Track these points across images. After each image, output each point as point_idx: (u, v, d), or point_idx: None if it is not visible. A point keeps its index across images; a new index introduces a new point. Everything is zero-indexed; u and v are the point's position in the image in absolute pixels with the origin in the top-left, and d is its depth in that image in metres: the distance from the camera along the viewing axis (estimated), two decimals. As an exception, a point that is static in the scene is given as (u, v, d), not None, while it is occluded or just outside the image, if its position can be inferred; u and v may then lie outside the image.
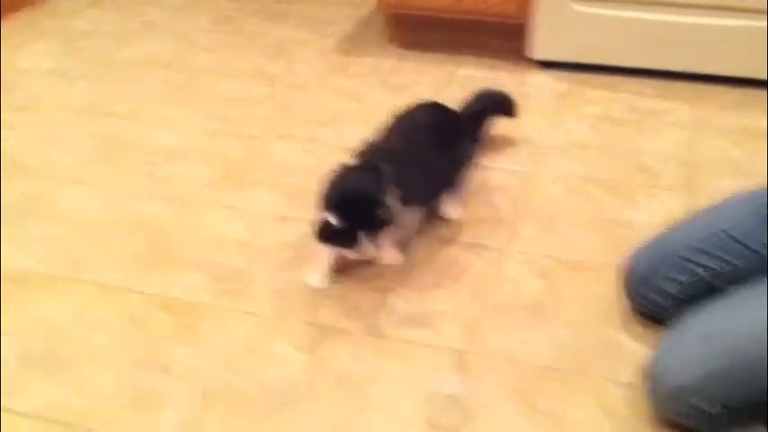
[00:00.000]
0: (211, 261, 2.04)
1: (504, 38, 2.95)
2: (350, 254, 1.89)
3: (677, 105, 2.63)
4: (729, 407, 1.46)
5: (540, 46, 2.85)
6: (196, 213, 2.22)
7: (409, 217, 1.99)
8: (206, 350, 1.79)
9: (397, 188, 1.86)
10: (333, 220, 1.81)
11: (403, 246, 2.01)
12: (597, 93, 2.71)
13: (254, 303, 1.91)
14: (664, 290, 1.71)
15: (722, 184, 2.20)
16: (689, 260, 1.68)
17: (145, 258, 2.05)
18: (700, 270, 1.67)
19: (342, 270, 1.97)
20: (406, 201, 1.90)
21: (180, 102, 2.76)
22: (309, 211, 1.90)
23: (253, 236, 2.12)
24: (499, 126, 2.43)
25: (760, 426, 1.49)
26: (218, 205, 2.25)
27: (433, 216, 2.13)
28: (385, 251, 1.97)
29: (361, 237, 1.83)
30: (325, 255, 1.96)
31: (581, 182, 2.28)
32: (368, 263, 1.97)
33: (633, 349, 1.75)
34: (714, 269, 1.66)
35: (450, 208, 2.15)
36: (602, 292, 1.89)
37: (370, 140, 2.03)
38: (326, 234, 1.84)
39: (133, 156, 2.47)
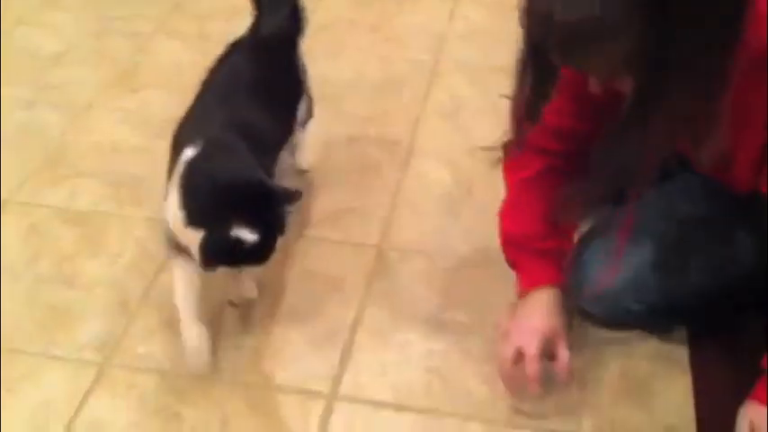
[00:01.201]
0: (109, 169, 1.96)
1: None
2: (254, 271, 1.52)
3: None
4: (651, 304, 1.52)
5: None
6: (88, 120, 2.12)
7: None
8: (115, 261, 1.74)
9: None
10: (249, 235, 1.35)
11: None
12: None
13: (158, 209, 1.85)
14: None
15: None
16: None
17: (41, 170, 1.96)
18: None
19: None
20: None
21: (60, 2, 2.60)
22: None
23: (149, 140, 2.04)
24: (397, 14, 2.39)
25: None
26: (111, 109, 2.16)
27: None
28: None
29: (276, 243, 1.42)
30: (187, 305, 1.50)
31: (481, 70, 2.27)
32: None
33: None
34: None
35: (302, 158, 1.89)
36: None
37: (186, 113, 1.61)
38: (239, 256, 1.38)
39: (16, 63, 2.32)
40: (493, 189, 1.88)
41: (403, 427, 1.45)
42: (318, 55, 2.30)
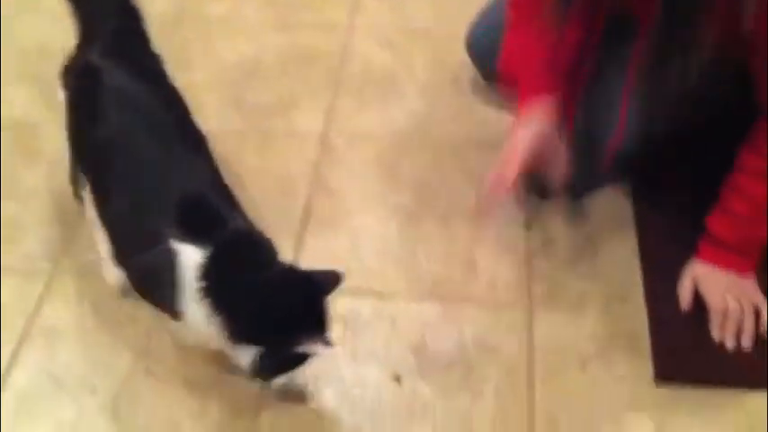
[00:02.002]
0: (39, 74, 1.88)
1: None
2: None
3: None
4: None
5: None
6: (12, 21, 2.03)
7: None
8: (53, 168, 1.69)
9: None
10: (320, 348, 1.18)
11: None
12: None
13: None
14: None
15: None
16: None
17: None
18: None
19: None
20: None
21: None
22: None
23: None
24: None
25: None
26: (36, 11, 2.06)
27: None
28: None
29: None
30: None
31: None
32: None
33: (487, 112, 1.78)
34: None
35: None
36: (450, 58, 1.89)
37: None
38: (302, 363, 1.22)
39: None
40: (435, 68, 1.87)
41: (360, 312, 1.46)
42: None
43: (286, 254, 1.51)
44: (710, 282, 1.41)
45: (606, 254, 1.52)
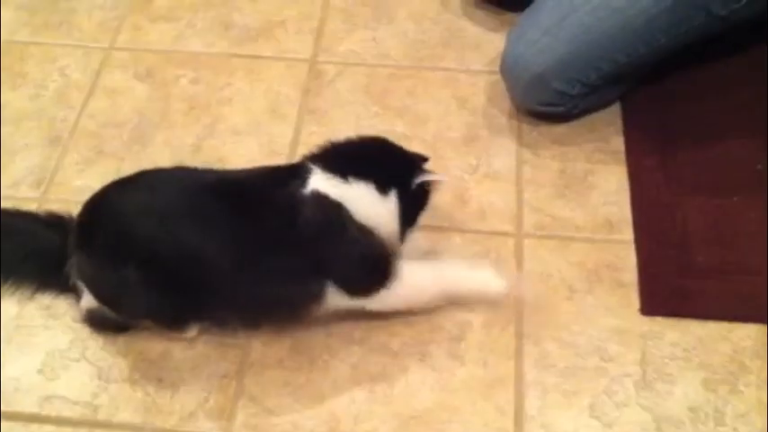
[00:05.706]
0: (20, -7, 1.85)
1: None
2: None
3: None
4: (586, 83, 1.51)
5: None
6: None
7: None
8: (39, 91, 1.67)
9: None
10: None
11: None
12: None
13: (79, 35, 1.78)
14: None
15: None
16: None
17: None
18: None
19: None
20: None
21: None
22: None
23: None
24: None
25: (610, 88, 1.57)
26: None
27: None
28: None
29: None
30: None
31: None
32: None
33: (479, 35, 1.75)
34: None
35: None
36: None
37: None
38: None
39: None
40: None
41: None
42: None
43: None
44: None
45: (597, 186, 1.51)
